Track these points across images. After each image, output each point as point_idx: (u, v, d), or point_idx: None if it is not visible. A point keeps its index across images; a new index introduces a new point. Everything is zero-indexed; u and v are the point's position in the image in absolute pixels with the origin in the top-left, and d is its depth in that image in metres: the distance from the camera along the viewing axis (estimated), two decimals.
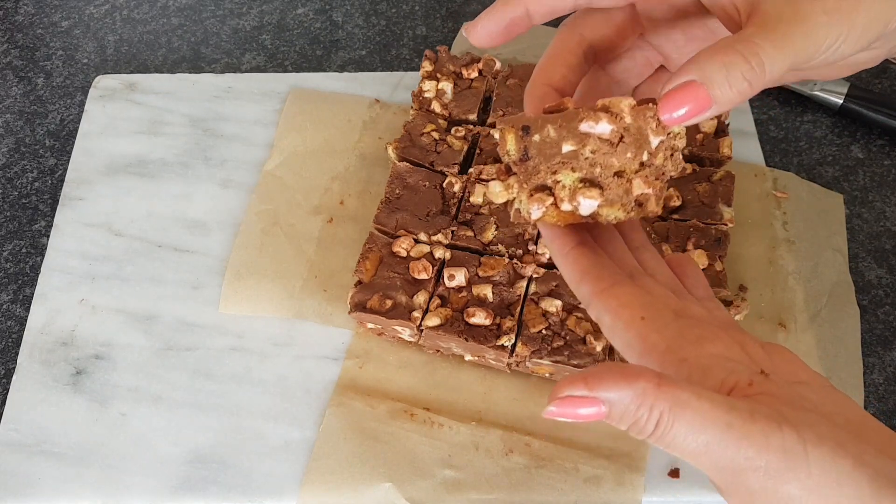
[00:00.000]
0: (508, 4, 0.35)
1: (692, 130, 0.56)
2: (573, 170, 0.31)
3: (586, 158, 0.31)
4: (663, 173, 0.33)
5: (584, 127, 0.31)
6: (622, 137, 0.31)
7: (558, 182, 0.32)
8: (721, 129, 0.57)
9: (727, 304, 0.53)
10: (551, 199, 0.32)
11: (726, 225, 0.53)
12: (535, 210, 0.32)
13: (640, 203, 0.32)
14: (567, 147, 0.31)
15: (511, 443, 0.50)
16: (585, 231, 0.36)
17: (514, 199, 0.34)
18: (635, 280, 0.35)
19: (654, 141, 0.31)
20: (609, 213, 0.32)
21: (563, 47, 0.36)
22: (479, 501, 0.48)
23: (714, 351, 0.33)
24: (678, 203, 0.54)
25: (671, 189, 0.54)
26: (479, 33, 0.35)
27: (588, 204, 0.31)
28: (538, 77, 0.36)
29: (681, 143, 0.33)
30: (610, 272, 0.34)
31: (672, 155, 0.33)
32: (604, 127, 0.31)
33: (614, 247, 0.37)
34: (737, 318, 0.54)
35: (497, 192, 0.33)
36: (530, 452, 0.50)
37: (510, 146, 0.32)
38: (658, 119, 0.30)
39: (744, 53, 0.30)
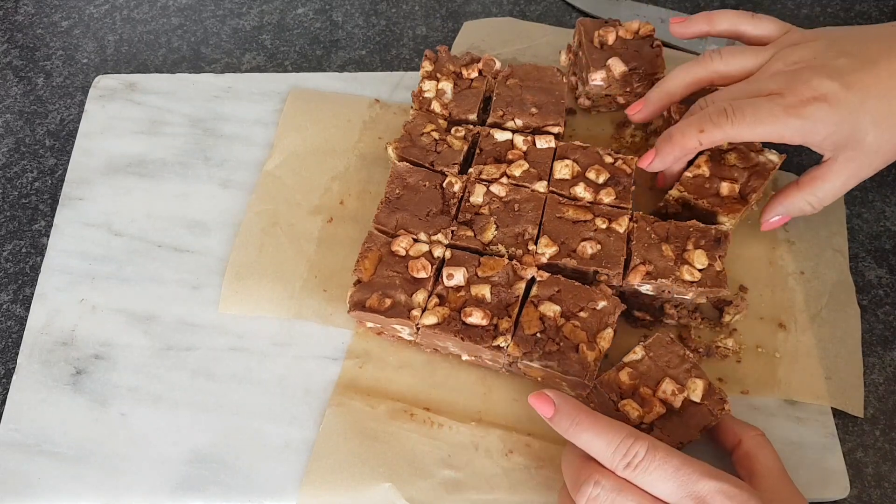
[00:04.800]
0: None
1: None
2: None
3: None
4: None
5: None
6: None
7: None
8: None
9: (727, 303, 0.53)
10: None
11: (726, 225, 0.53)
12: None
13: None
14: None
15: (511, 443, 0.50)
16: None
17: None
18: None
19: None
20: None
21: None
22: (479, 501, 0.48)
23: None
24: None
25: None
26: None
27: None
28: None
29: None
30: None
31: None
32: None
33: None
34: (737, 318, 0.54)
35: None
36: (530, 452, 0.50)
37: None
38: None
39: (807, 200, 0.53)
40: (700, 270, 0.51)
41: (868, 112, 0.49)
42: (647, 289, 0.51)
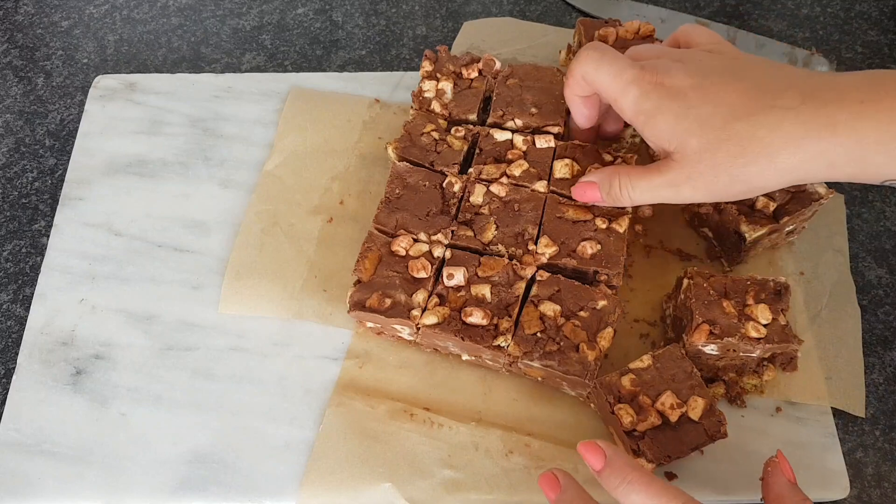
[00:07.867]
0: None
1: None
2: None
3: None
4: None
5: None
6: None
7: None
8: None
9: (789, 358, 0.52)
10: None
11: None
12: None
13: None
14: None
15: (511, 443, 0.50)
16: None
17: None
18: None
19: None
20: None
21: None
22: (479, 501, 0.48)
23: None
24: None
25: None
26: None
27: None
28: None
29: None
30: None
31: None
32: None
33: None
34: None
35: None
36: (530, 453, 0.50)
37: None
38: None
39: (620, 180, 0.50)
40: (765, 326, 0.48)
41: (701, 116, 0.45)
42: (711, 349, 0.49)
